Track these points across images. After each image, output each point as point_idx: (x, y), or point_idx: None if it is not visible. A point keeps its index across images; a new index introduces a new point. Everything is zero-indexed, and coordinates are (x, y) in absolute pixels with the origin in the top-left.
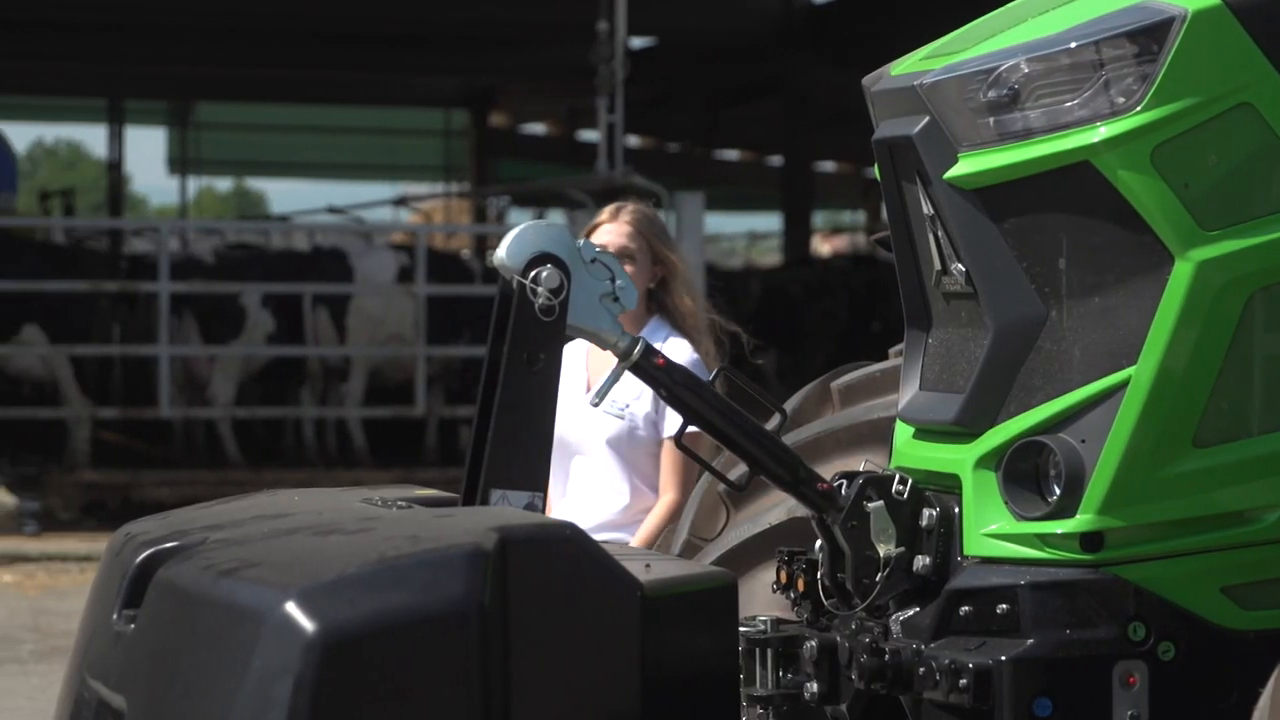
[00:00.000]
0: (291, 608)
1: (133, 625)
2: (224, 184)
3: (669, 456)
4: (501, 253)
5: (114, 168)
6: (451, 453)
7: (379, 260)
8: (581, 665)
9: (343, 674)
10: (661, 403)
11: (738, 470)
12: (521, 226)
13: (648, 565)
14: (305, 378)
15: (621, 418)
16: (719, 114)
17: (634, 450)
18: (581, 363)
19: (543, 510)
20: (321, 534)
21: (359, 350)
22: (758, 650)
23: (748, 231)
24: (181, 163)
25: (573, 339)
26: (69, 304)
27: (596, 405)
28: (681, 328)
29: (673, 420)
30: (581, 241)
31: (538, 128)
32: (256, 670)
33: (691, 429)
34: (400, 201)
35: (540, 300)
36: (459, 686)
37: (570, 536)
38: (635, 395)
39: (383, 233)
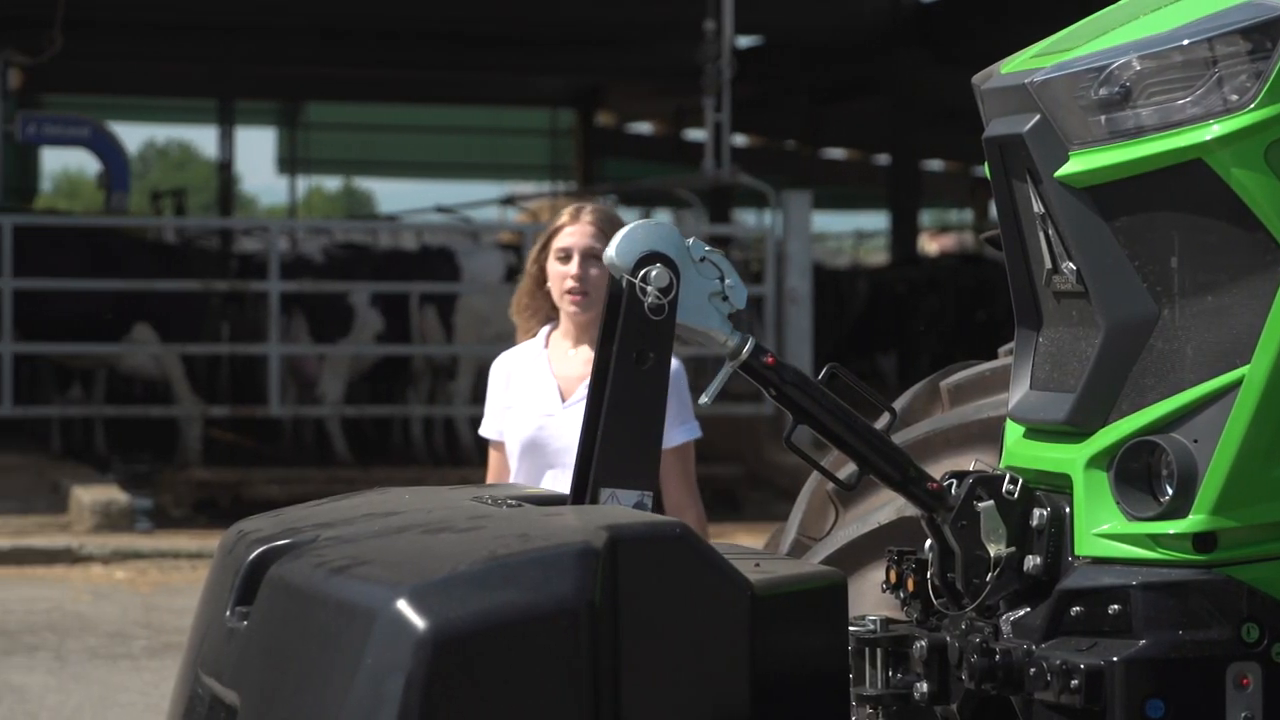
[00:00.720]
0: (403, 605)
1: (245, 622)
2: (332, 183)
3: (679, 469)
4: (611, 252)
5: (224, 168)
6: None
7: (486, 259)
8: (691, 664)
9: (453, 671)
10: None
11: (847, 469)
12: (631, 226)
13: (757, 564)
14: (413, 376)
15: None
16: (825, 112)
17: None
18: (546, 369)
19: (652, 509)
20: (432, 532)
21: (466, 349)
22: (867, 650)
23: (854, 230)
24: (291, 162)
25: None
26: (180, 303)
27: (707, 404)
28: None
29: (672, 429)
30: (691, 240)
31: (644, 127)
32: (368, 667)
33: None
34: (507, 201)
35: (650, 299)
36: (569, 685)
37: (681, 535)
38: None
39: (490, 232)
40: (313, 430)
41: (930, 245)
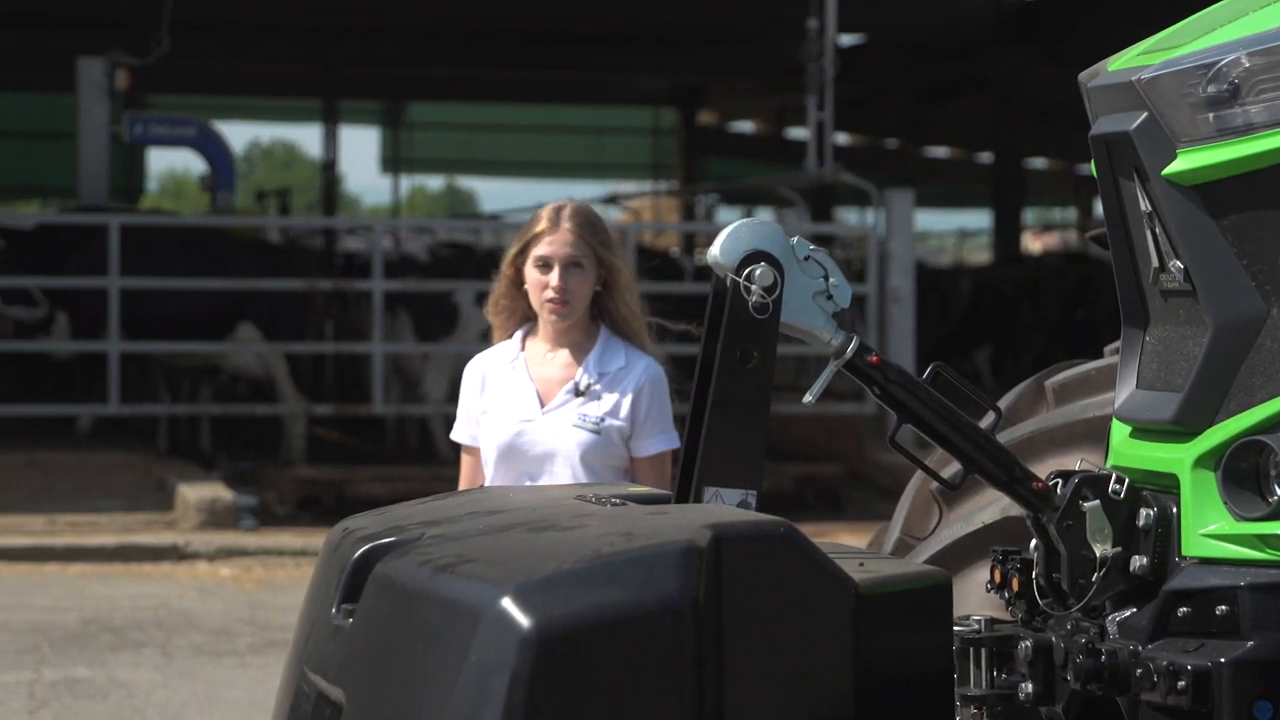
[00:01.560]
0: (507, 603)
1: (351, 619)
2: (435, 183)
3: (654, 479)
4: (715, 250)
5: (328, 167)
6: None
7: None
8: (795, 663)
9: (558, 669)
10: (637, 417)
11: (951, 469)
12: (735, 224)
13: (861, 563)
14: None
15: (597, 432)
16: (928, 111)
17: (605, 470)
18: (524, 373)
19: (755, 508)
20: (536, 530)
21: None
22: (972, 650)
23: (957, 229)
24: (394, 162)
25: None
26: (284, 302)
27: (810, 403)
28: (624, 333)
29: (651, 437)
30: (795, 239)
31: (745, 125)
32: (473, 665)
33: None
34: (609, 200)
35: (754, 298)
36: (673, 683)
37: (785, 534)
38: (609, 408)
39: None
40: (416, 429)
41: (1034, 244)
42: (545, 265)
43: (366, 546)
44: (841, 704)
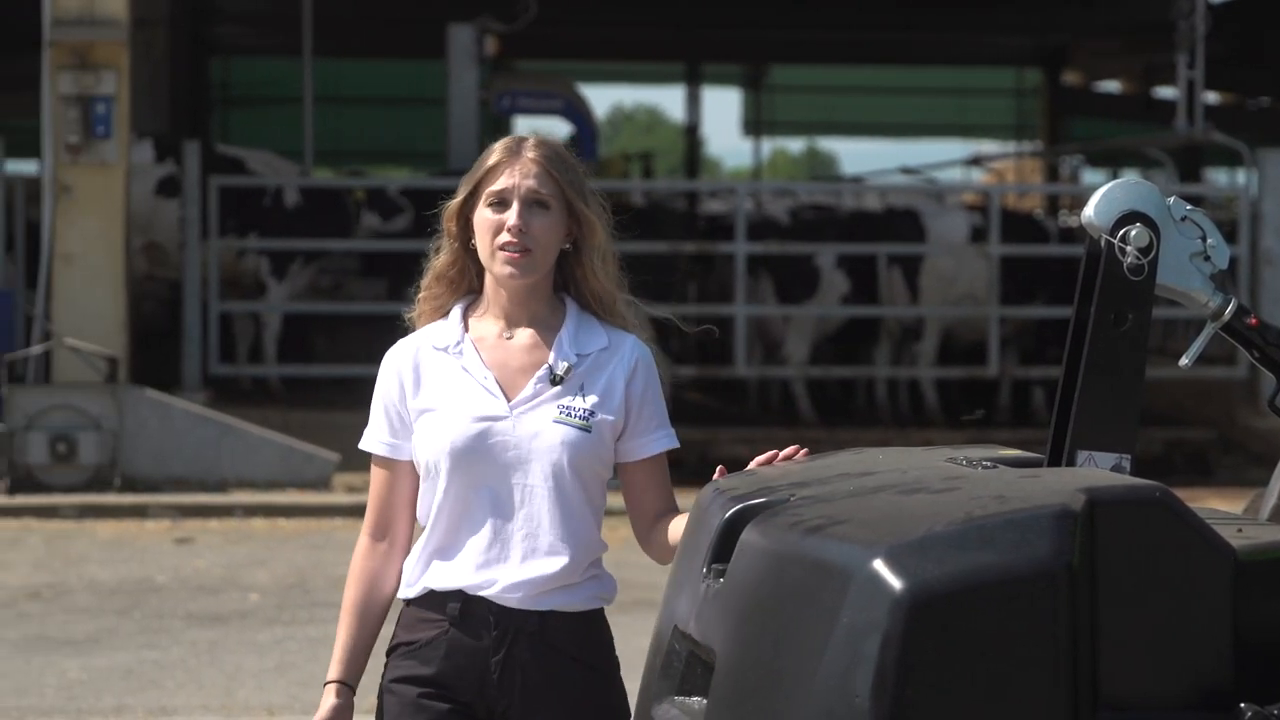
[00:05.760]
0: (879, 565)
1: (721, 580)
2: (796, 145)
3: (659, 478)
4: (1089, 211)
5: (691, 131)
6: (1024, 414)
7: (952, 220)
8: (1171, 631)
9: (930, 632)
10: (631, 409)
11: None
12: (1110, 185)
13: (1239, 529)
14: (879, 337)
15: (587, 429)
16: None
17: (591, 477)
18: (476, 360)
19: (1130, 472)
20: (907, 493)
21: (931, 310)
22: None
23: None
24: (756, 125)
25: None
26: (648, 264)
27: (1186, 366)
28: (596, 310)
29: (649, 435)
30: (1172, 200)
31: (1112, 85)
32: (844, 626)
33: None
34: (973, 161)
35: (1129, 259)
36: (1046, 649)
37: (1161, 499)
38: (597, 398)
39: (955, 193)
40: (778, 391)
41: None
42: (500, 203)
43: (737, 508)
44: (1219, 674)
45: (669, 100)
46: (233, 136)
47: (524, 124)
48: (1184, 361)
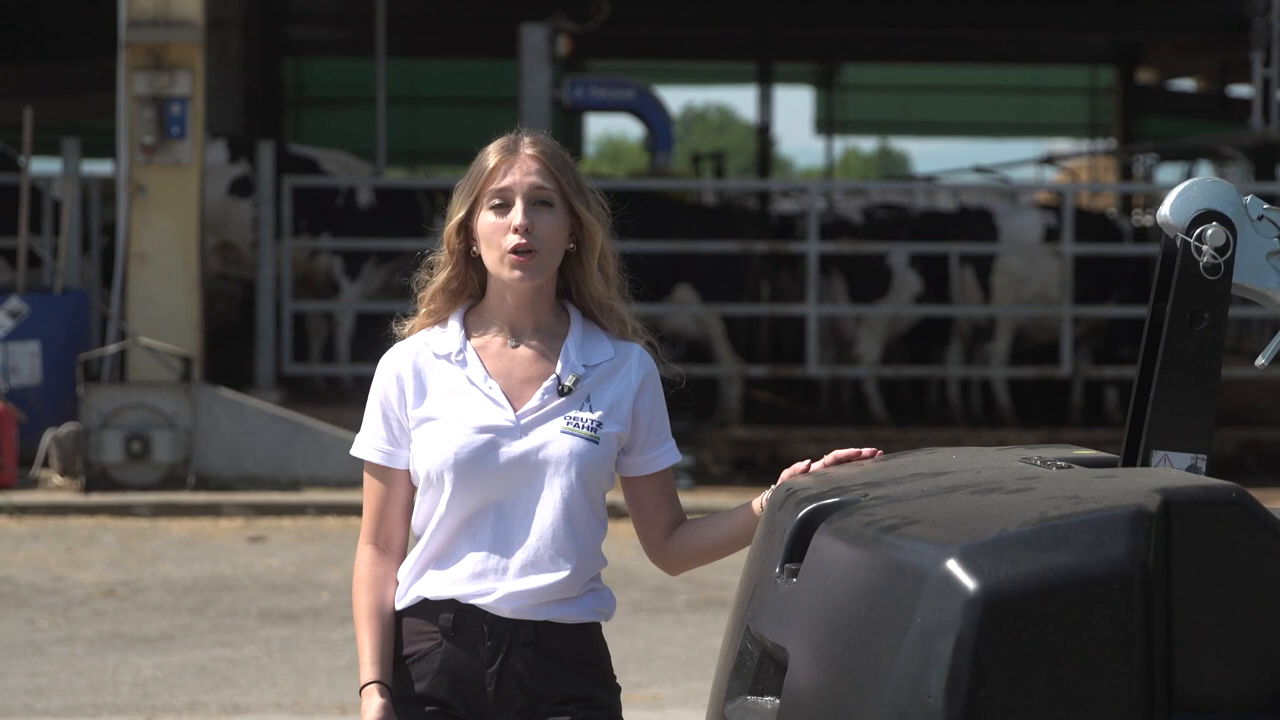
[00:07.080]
0: (953, 565)
1: (794, 579)
2: (868, 145)
3: (668, 493)
4: (1165, 210)
5: (763, 130)
6: (1097, 414)
7: (1025, 219)
8: (1248, 633)
9: (1004, 632)
10: (639, 423)
11: None
12: (1187, 183)
13: None
14: (951, 337)
15: (595, 440)
16: None
17: (596, 491)
18: (479, 369)
19: (1205, 473)
20: (981, 492)
21: (1004, 310)
22: None
23: None
24: (828, 124)
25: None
26: (720, 264)
27: (1263, 366)
28: (599, 317)
29: (656, 449)
30: (1249, 198)
31: (1186, 83)
32: (918, 626)
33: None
34: (1046, 160)
35: (1205, 258)
36: (1120, 649)
37: (1237, 499)
38: (605, 410)
39: (1028, 192)
40: (850, 390)
41: None
42: (503, 204)
43: (810, 507)
44: None
45: (741, 100)
46: (305, 137)
47: (596, 121)
48: (1260, 361)
